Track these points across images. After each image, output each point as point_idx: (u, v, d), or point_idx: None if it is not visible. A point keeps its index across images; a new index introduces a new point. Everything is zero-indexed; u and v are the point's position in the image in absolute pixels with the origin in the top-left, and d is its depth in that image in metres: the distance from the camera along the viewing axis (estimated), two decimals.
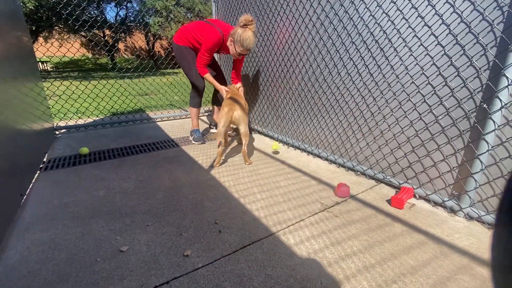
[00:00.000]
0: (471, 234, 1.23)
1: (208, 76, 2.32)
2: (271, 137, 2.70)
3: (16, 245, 1.15)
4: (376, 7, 1.57)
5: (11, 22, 1.89)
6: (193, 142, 2.55)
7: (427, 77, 1.41)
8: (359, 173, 1.87)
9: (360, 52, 1.71)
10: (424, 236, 1.22)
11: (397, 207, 1.44)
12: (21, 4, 2.33)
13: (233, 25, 2.58)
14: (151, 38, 18.54)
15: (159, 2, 14.55)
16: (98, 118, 3.38)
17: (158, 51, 20.90)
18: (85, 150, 2.21)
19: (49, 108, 2.72)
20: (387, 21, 1.54)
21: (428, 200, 1.50)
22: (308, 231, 1.25)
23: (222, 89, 2.29)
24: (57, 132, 2.85)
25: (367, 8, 1.62)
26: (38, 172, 1.90)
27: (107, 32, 16.48)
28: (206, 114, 3.89)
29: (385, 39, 1.56)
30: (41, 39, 14.17)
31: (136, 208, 1.44)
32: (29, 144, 1.83)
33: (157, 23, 15.28)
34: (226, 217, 1.36)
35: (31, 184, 1.71)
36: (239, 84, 2.36)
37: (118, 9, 17.05)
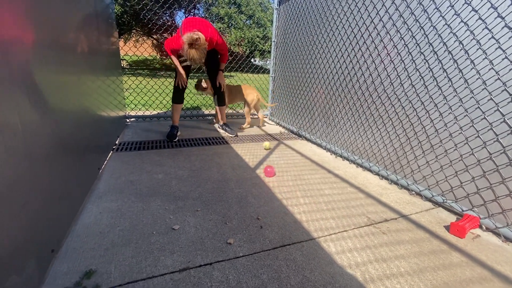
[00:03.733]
0: None
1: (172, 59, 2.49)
2: (319, 145, 2.66)
3: (92, 210, 1.37)
4: (453, 15, 1.46)
5: (106, 24, 2.26)
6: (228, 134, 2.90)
7: (511, 94, 1.25)
8: (413, 193, 1.73)
9: (428, 63, 1.59)
10: (489, 271, 1.07)
11: (458, 235, 1.30)
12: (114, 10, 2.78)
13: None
14: None
15: (223, 10, 15.52)
16: (161, 111, 3.77)
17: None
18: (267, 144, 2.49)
19: (124, 99, 3.13)
20: (465, 31, 1.41)
21: (497, 234, 1.32)
22: (351, 242, 1.21)
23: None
24: (127, 120, 3.27)
25: (442, 17, 1.50)
26: (111, 152, 2.21)
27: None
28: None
29: (460, 50, 1.43)
30: (121, 41, 16.34)
31: (188, 194, 1.57)
32: (107, 127, 2.15)
33: (219, 29, 16.31)
34: (268, 215, 1.40)
35: (106, 161, 2.00)
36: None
37: (186, 15, 18.73)
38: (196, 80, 3.20)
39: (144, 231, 1.21)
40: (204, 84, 2.98)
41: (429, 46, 1.58)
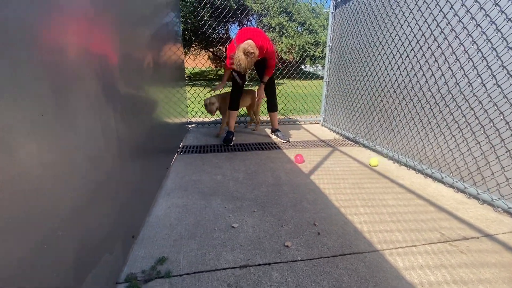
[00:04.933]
0: None
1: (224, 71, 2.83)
2: (379, 153, 2.48)
3: (162, 204, 1.53)
4: None
5: (175, 41, 2.54)
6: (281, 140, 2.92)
7: None
8: (500, 209, 1.47)
9: None
10: None
11: None
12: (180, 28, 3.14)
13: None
14: None
15: (275, 19, 15.86)
16: (219, 118, 4.00)
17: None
18: (374, 162, 2.18)
19: (186, 107, 3.45)
20: None
21: None
22: (422, 259, 1.09)
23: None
24: (189, 126, 3.57)
25: None
26: (176, 154, 2.44)
27: None
28: (314, 122, 3.95)
29: None
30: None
31: (245, 195, 1.64)
32: (174, 132, 2.39)
33: (271, 38, 16.67)
34: (325, 222, 1.36)
35: (172, 162, 2.22)
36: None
37: (240, 27, 19.69)
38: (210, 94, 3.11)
39: (207, 227, 1.30)
40: (213, 106, 2.91)
41: None
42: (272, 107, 2.97)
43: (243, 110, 4.44)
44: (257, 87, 2.87)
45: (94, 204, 0.82)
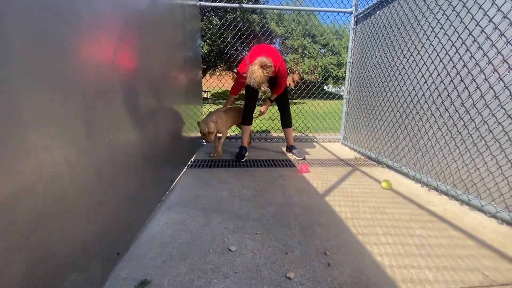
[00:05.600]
0: None
1: (229, 96, 2.75)
2: (405, 175, 2.22)
3: (160, 219, 1.43)
4: None
5: (195, 63, 2.59)
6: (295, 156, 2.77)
7: None
8: None
9: None
10: None
11: None
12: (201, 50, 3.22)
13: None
14: None
15: (297, 42, 16.15)
16: (233, 133, 3.96)
17: (289, 84, 22.91)
18: (386, 184, 1.94)
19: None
20: None
21: None
22: None
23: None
24: (203, 141, 3.53)
25: None
26: (186, 167, 2.37)
27: None
28: (335, 140, 3.76)
29: None
30: (207, 76, 18.79)
31: (249, 214, 1.49)
32: (185, 145, 2.34)
33: (292, 59, 16.92)
34: (338, 251, 1.16)
35: (180, 175, 2.14)
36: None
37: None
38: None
39: (202, 248, 1.16)
40: (211, 135, 2.53)
41: None
42: (285, 122, 2.84)
43: (259, 125, 4.35)
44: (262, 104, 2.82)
45: (64, 211, 0.73)
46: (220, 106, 3.10)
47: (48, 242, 0.67)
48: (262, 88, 2.43)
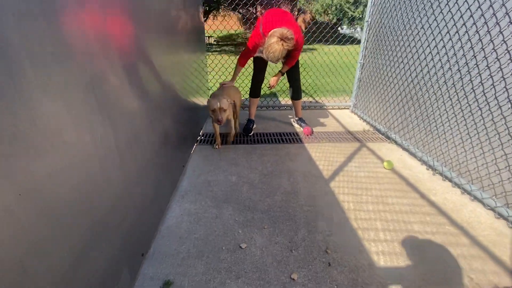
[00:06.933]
0: None
1: (236, 68, 2.47)
2: (412, 154, 2.23)
3: (175, 209, 1.55)
4: None
5: (194, 5, 2.37)
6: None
7: None
8: None
9: None
10: None
11: None
12: None
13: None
14: (295, 13, 18.75)
15: None
16: (243, 98, 3.82)
17: (300, 26, 21.01)
18: (387, 165, 2.01)
19: (207, 81, 3.27)
20: None
21: None
22: None
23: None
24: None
25: None
26: (196, 144, 2.42)
27: (259, 8, 17.96)
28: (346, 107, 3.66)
29: None
30: (209, 20, 17.27)
31: (257, 204, 1.59)
32: (193, 119, 2.31)
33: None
34: (338, 249, 1.28)
35: (190, 156, 2.21)
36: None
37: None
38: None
39: (215, 244, 1.30)
40: (223, 104, 2.08)
41: None
42: (295, 94, 2.75)
43: (266, 91, 4.19)
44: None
45: (98, 220, 0.82)
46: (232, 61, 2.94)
47: (91, 249, 0.77)
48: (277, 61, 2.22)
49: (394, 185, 1.82)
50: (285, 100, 3.70)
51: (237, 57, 2.45)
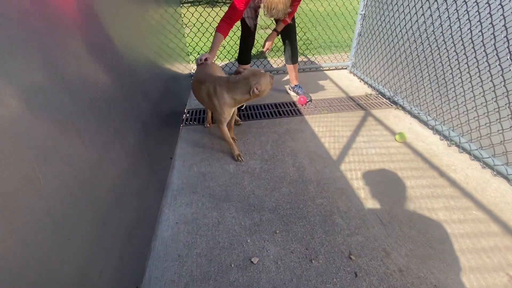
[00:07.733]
0: None
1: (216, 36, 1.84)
2: (424, 122, 2.04)
3: (169, 217, 1.32)
4: None
5: None
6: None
7: None
8: None
9: None
10: None
11: None
12: None
13: None
14: None
15: None
16: (229, 62, 3.35)
17: None
18: (400, 137, 1.83)
19: (185, 45, 2.73)
20: None
21: None
22: None
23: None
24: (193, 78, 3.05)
25: None
26: (181, 126, 2.10)
27: None
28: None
29: None
30: None
31: (263, 201, 1.39)
32: (175, 91, 1.89)
33: None
34: (362, 252, 1.13)
35: (176, 143, 1.90)
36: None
37: None
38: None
39: (222, 261, 1.11)
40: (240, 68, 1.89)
41: None
42: (290, 57, 2.38)
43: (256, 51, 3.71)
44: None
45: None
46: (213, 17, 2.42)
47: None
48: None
49: (409, 162, 1.65)
50: (277, 63, 3.29)
51: (216, 18, 1.94)
